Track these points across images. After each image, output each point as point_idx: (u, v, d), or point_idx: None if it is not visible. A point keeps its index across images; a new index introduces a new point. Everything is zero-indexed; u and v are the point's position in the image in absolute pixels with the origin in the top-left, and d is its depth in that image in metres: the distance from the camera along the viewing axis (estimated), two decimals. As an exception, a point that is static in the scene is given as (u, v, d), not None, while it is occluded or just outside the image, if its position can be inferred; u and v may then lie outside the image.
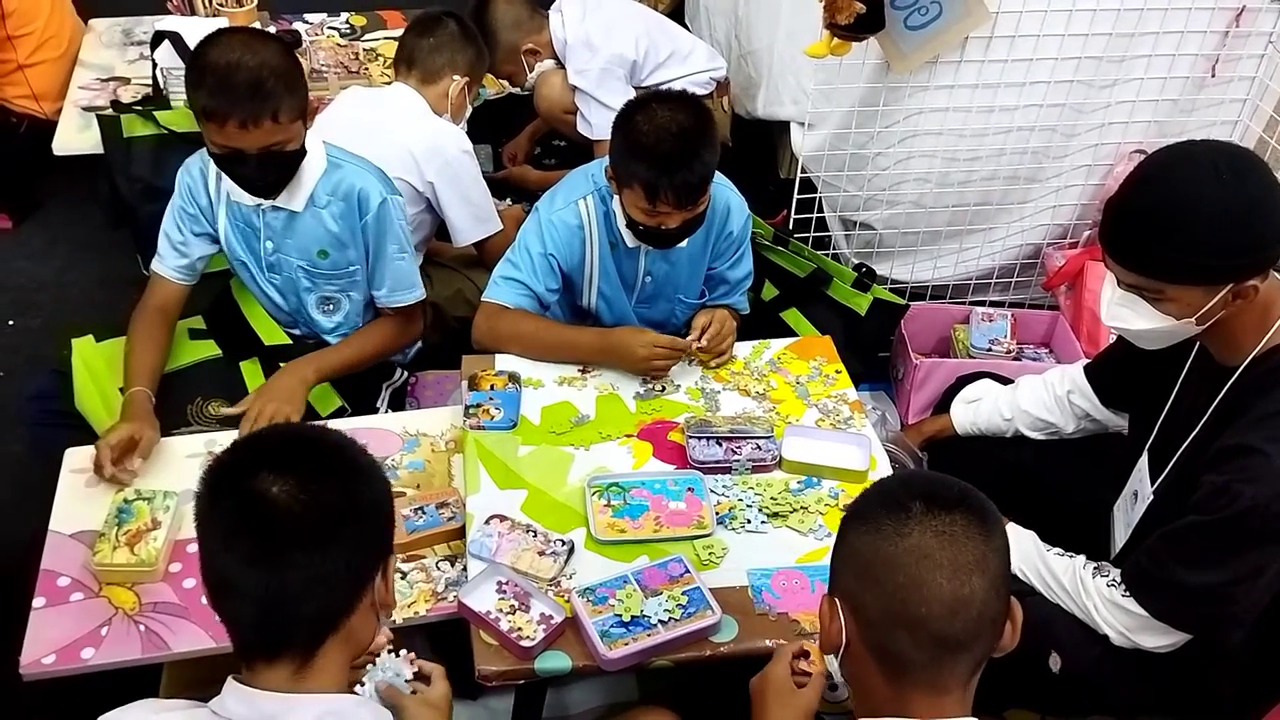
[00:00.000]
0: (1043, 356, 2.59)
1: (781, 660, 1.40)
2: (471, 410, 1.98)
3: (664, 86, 2.98)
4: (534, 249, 2.13)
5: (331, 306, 2.20)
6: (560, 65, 2.98)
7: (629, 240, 2.10)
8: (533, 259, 2.13)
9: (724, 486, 1.87)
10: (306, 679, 1.14)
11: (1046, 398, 2.05)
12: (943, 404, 2.27)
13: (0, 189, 2.93)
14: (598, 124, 2.90)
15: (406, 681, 1.31)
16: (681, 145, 1.91)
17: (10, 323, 2.77)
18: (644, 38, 2.98)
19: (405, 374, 2.37)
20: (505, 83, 3.34)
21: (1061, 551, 1.76)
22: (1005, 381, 2.21)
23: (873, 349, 2.52)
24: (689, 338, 2.09)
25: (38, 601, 1.66)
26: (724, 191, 2.15)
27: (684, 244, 2.10)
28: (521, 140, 3.31)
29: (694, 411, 2.01)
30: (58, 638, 1.61)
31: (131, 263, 2.79)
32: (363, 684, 1.29)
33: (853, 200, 2.61)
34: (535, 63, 2.92)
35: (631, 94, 2.91)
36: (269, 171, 1.95)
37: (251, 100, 1.83)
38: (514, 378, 2.05)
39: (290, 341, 2.22)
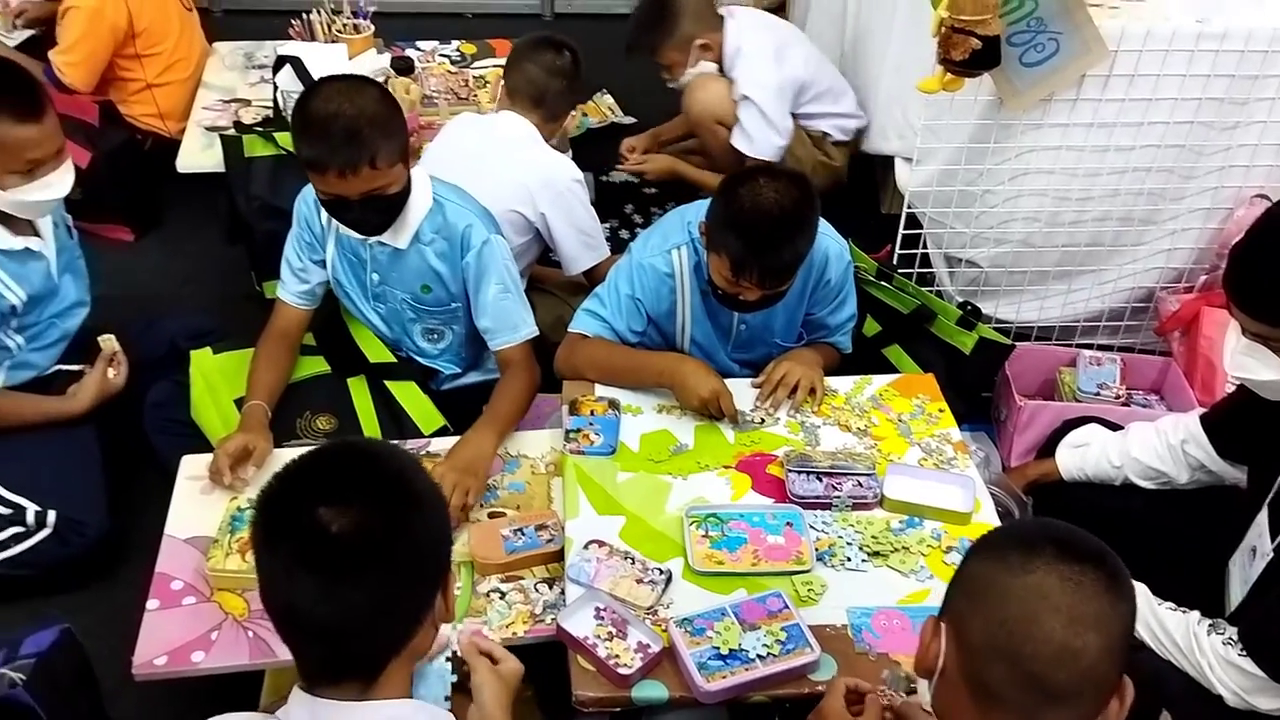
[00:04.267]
0: (1153, 403, 2.52)
1: (835, 694, 1.39)
2: (572, 435, 1.99)
3: (815, 121, 3.00)
4: (622, 289, 2.14)
5: (436, 336, 2.25)
6: (720, 72, 2.95)
7: (712, 292, 2.09)
8: (619, 299, 2.14)
9: (824, 522, 1.85)
10: (370, 693, 1.17)
11: (1159, 446, 1.99)
12: (1047, 448, 2.23)
13: (124, 203, 3.05)
14: (760, 140, 2.89)
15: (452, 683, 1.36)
16: (778, 229, 1.89)
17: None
18: (811, 63, 2.99)
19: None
20: (614, 114, 3.39)
21: (1174, 606, 1.70)
22: (1113, 428, 2.15)
23: (976, 389, 2.48)
24: (760, 392, 2.09)
25: (151, 603, 1.72)
26: (823, 239, 2.09)
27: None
28: (644, 137, 3.28)
29: (793, 445, 2.00)
30: (170, 639, 1.66)
31: (246, 278, 2.88)
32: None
33: (958, 237, 2.57)
34: (700, 59, 2.88)
35: (790, 120, 2.92)
36: (372, 215, 2.00)
37: (348, 149, 1.86)
38: (614, 404, 2.06)
39: (395, 360, 2.27)
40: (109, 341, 2.32)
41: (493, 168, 2.40)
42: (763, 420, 2.06)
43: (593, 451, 1.97)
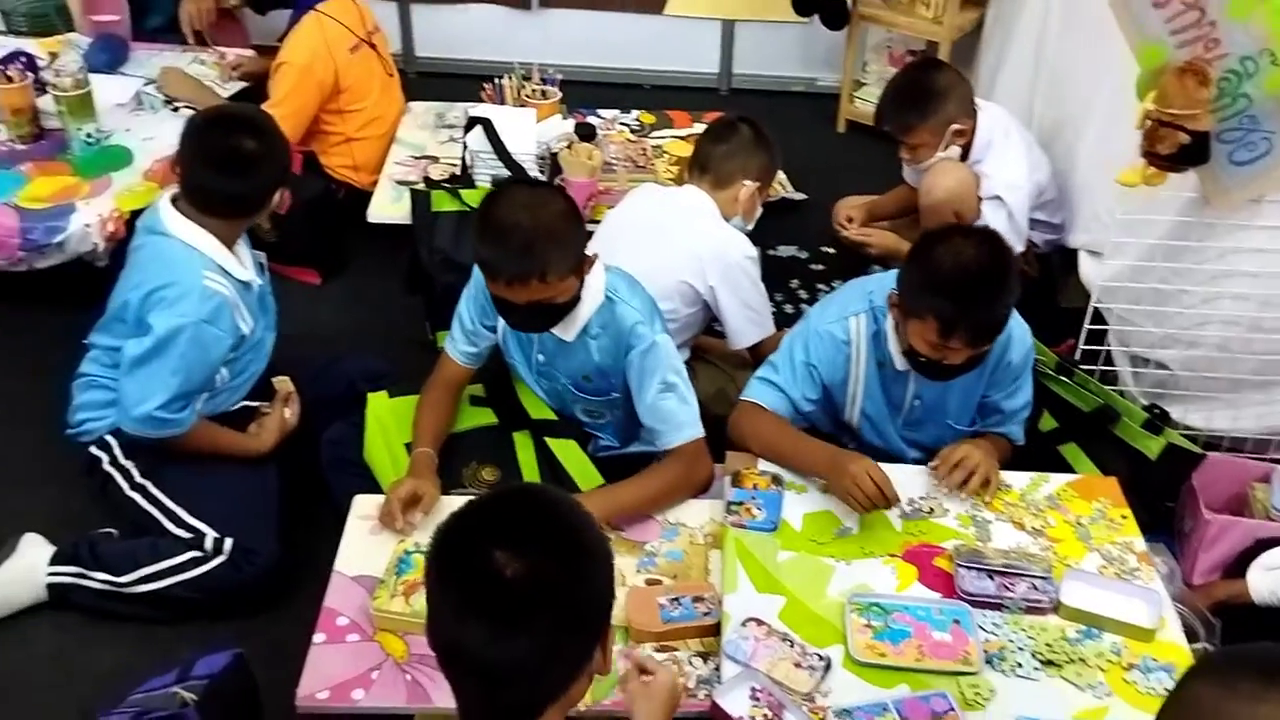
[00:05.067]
0: (1355, 530, 2.33)
1: None
2: (733, 507, 1.97)
3: (1030, 230, 2.91)
4: (797, 356, 2.12)
5: (596, 415, 2.26)
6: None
7: (899, 363, 2.06)
8: (794, 366, 2.12)
9: (994, 624, 1.77)
10: None
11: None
12: (1236, 568, 2.09)
13: (315, 248, 3.20)
14: None
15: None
16: (984, 284, 1.87)
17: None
18: (1047, 169, 2.92)
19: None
20: (784, 189, 3.39)
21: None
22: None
23: (1159, 497, 2.34)
24: (936, 471, 2.01)
25: (318, 637, 1.76)
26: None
27: None
28: (860, 208, 3.23)
29: (964, 539, 1.93)
30: (332, 675, 1.69)
31: (420, 327, 2.98)
32: None
33: (1147, 336, 2.46)
34: (951, 144, 2.83)
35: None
36: (535, 320, 2.03)
37: (520, 261, 1.89)
38: (777, 480, 2.04)
39: (556, 418, 2.29)
40: (284, 383, 2.44)
41: (668, 238, 2.43)
42: (931, 510, 1.99)
43: (754, 526, 1.94)
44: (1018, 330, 2.10)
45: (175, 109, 3.16)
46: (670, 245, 2.39)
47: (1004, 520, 1.98)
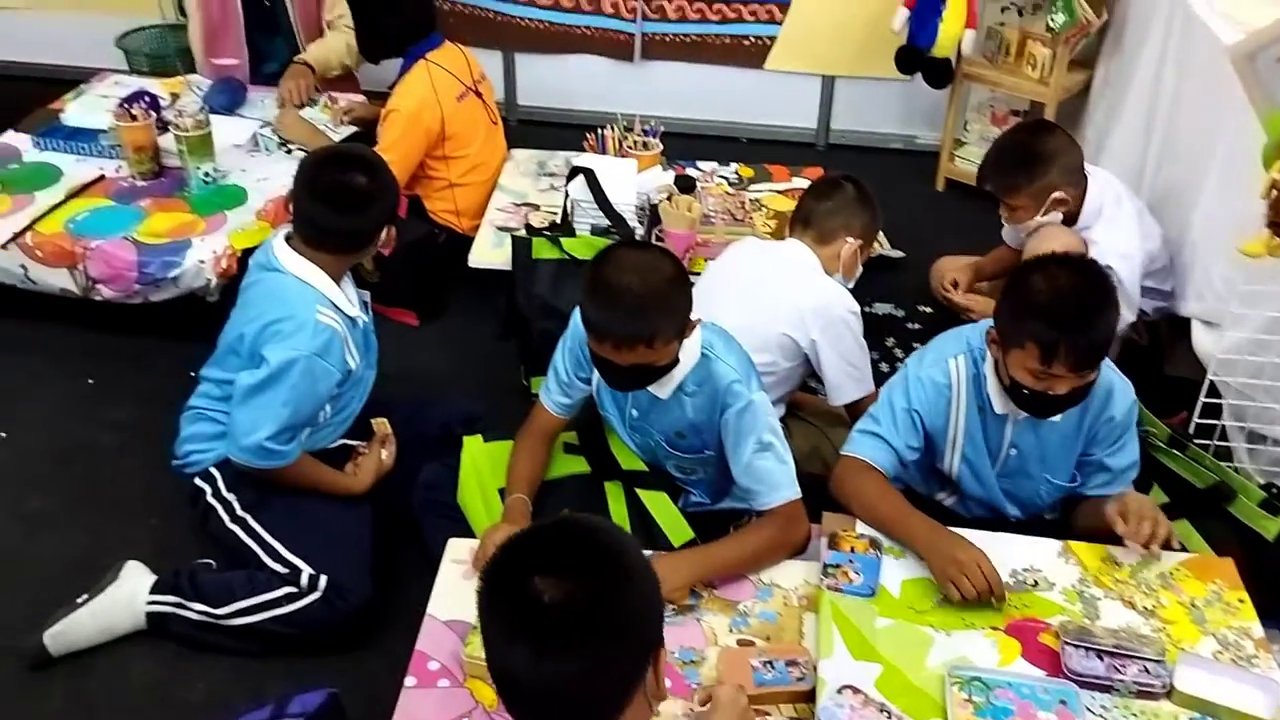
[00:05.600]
0: None
1: None
2: (830, 570, 1.93)
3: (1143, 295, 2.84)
4: (898, 404, 2.10)
5: (688, 471, 2.25)
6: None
7: (998, 406, 2.03)
8: (895, 414, 2.10)
9: (1101, 706, 1.69)
10: None
11: None
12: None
13: (415, 290, 3.26)
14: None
15: None
16: (1081, 306, 1.87)
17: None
18: (1159, 237, 2.86)
19: (750, 518, 2.36)
20: (881, 247, 3.35)
21: None
22: None
23: (1278, 580, 2.23)
24: (1126, 531, 1.93)
25: (409, 680, 1.76)
26: (1108, 374, 2.03)
27: (1058, 419, 2.01)
28: (965, 270, 3.18)
29: (1070, 615, 1.86)
30: (423, 719, 1.69)
31: (515, 372, 3.01)
32: None
33: (1267, 413, 2.36)
34: (1050, 211, 2.76)
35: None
36: (634, 380, 2.03)
37: (629, 325, 1.89)
38: (875, 544, 1.99)
39: (647, 470, 2.28)
40: (382, 425, 2.48)
41: (770, 290, 2.42)
42: (1035, 583, 1.93)
43: (851, 591, 1.89)
44: (1119, 384, 2.07)
45: (289, 151, 3.26)
46: (772, 298, 2.38)
47: (1113, 598, 1.90)
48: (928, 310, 3.38)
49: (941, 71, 3.78)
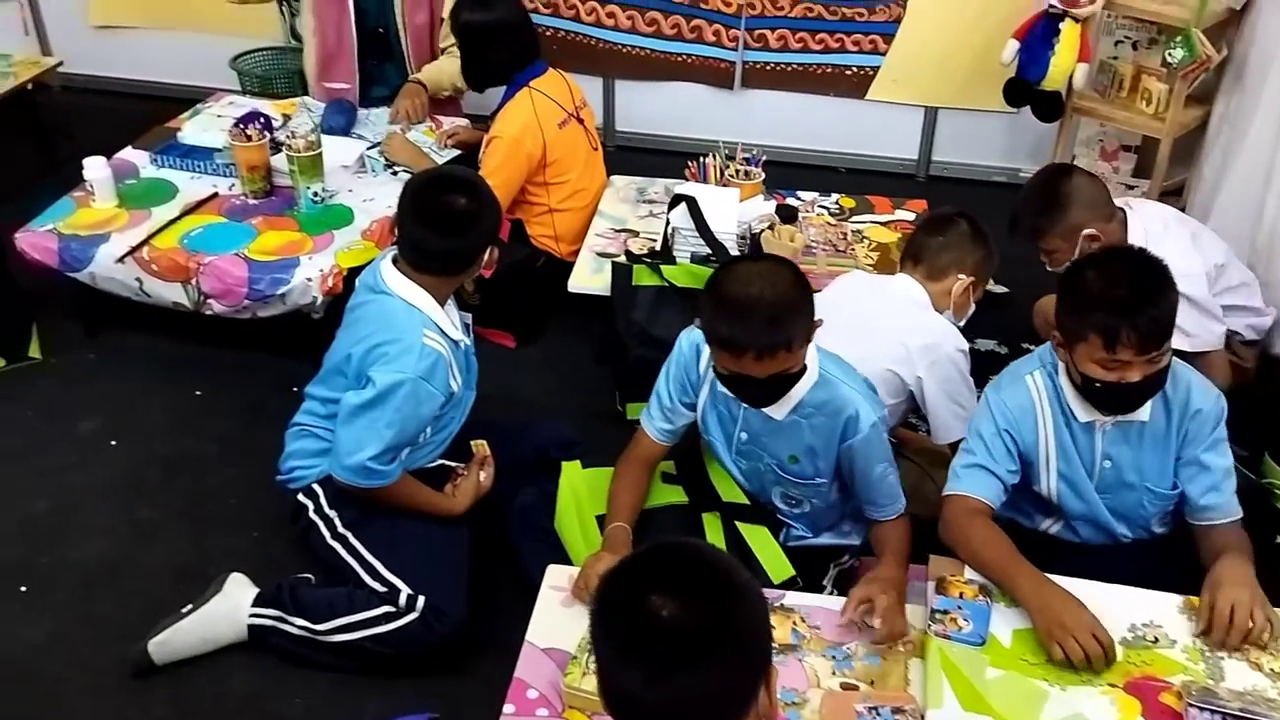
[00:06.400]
0: None
1: None
2: (938, 616, 1.87)
3: (1226, 317, 2.77)
4: (987, 430, 2.07)
5: (794, 502, 2.22)
6: None
7: (1081, 413, 2.00)
8: (987, 441, 2.06)
9: (1228, 773, 1.61)
10: None
11: None
12: None
13: (513, 313, 3.28)
14: (1199, 332, 2.62)
15: None
16: (1138, 287, 1.86)
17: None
18: (1223, 252, 2.79)
19: (854, 560, 2.31)
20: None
21: None
22: None
23: None
24: (1206, 628, 1.83)
25: (508, 708, 1.75)
26: (1182, 370, 2.01)
27: (1145, 417, 1.98)
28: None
29: (1193, 675, 1.77)
30: (521, 748, 1.68)
31: (609, 398, 3.00)
32: None
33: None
34: (1088, 250, 2.67)
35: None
36: (772, 393, 2.02)
37: (768, 333, 1.89)
38: (985, 590, 1.93)
39: (748, 503, 2.25)
40: (482, 447, 2.48)
41: (877, 326, 2.38)
42: (1156, 640, 1.85)
43: (960, 639, 1.83)
44: (1196, 379, 2.04)
45: (395, 173, 3.31)
46: (879, 333, 2.34)
47: (1239, 659, 1.81)
48: (1031, 348, 3.28)
49: (1052, 105, 3.69)
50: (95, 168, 3.11)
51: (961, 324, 2.49)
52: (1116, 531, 2.13)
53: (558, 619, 1.92)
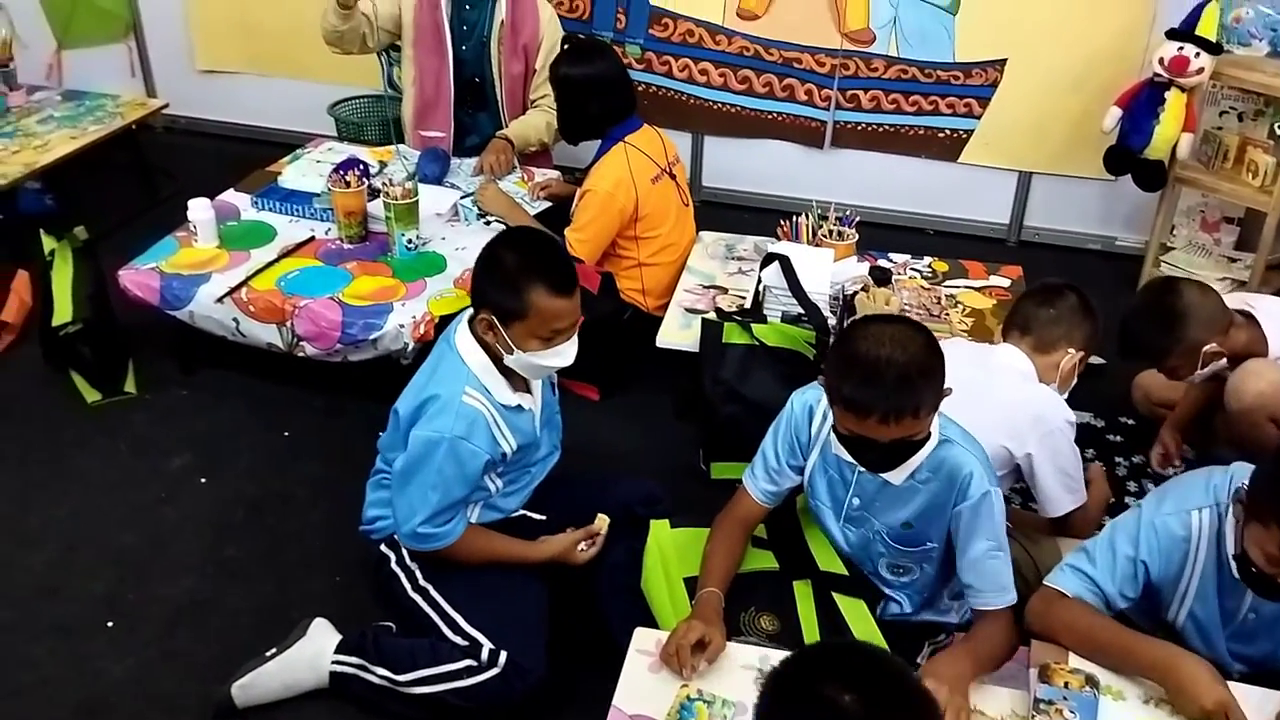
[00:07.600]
0: None
1: None
2: (1042, 705, 1.79)
3: None
4: (1121, 550, 1.93)
5: (901, 571, 2.15)
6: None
7: (1236, 569, 1.84)
8: (1116, 559, 1.93)
9: None
10: None
11: None
12: None
13: (599, 366, 3.25)
14: None
15: None
16: None
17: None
18: None
19: (949, 636, 2.23)
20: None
21: None
22: None
23: None
24: None
25: (595, 775, 1.71)
26: None
27: None
28: (1169, 430, 2.99)
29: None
30: (609, 819, 1.63)
31: (692, 455, 2.97)
32: None
33: None
34: (1210, 364, 2.62)
35: None
36: (894, 458, 1.96)
37: (898, 397, 1.83)
38: (1092, 681, 1.84)
39: (847, 574, 2.18)
40: (602, 520, 2.39)
41: (982, 397, 2.31)
42: (1280, 742, 1.75)
43: (1067, 730, 1.75)
44: None
45: (487, 223, 3.34)
46: (986, 405, 2.27)
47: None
48: (1129, 422, 3.20)
49: (1154, 174, 3.62)
50: (199, 209, 3.18)
51: (1065, 396, 2.41)
52: (1232, 671, 1.98)
53: (644, 684, 1.87)
